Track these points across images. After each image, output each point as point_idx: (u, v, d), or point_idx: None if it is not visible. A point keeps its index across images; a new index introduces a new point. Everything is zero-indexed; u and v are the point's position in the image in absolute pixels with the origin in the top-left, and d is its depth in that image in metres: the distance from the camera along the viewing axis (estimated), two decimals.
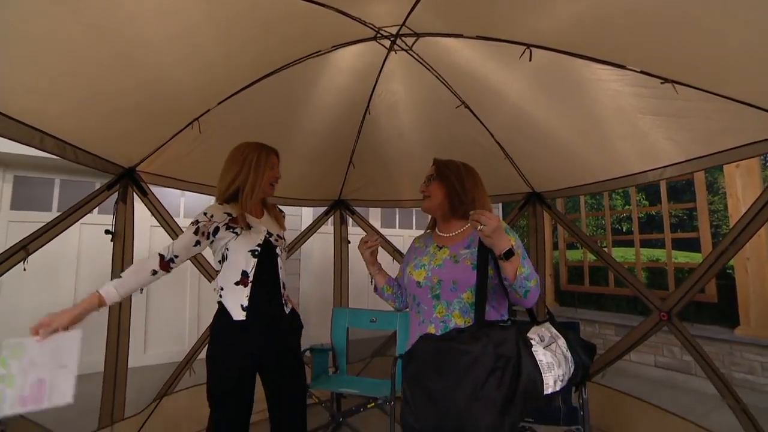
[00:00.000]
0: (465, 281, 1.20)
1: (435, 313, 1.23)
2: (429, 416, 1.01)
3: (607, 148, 2.21)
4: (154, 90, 1.69)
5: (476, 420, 0.95)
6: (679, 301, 2.13)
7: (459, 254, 1.26)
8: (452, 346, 1.04)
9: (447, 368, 1.01)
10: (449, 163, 1.41)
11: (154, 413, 2.30)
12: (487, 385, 0.97)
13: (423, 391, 1.03)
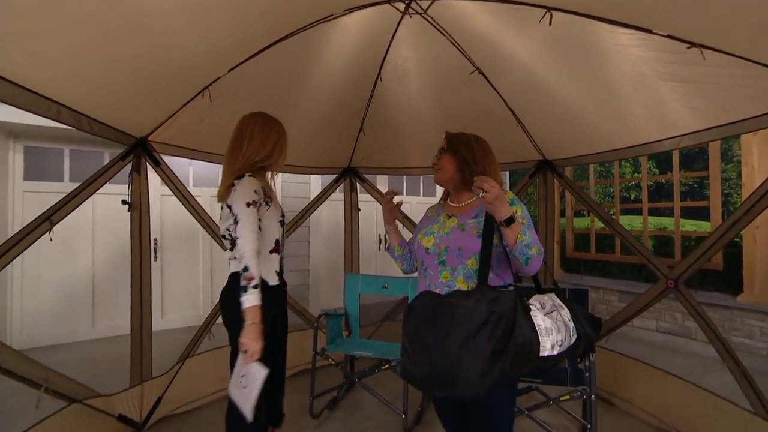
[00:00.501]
0: (470, 248, 1.25)
1: (441, 278, 1.28)
2: (425, 365, 1.09)
3: (623, 116, 2.17)
4: (164, 58, 1.66)
5: (466, 367, 1.02)
6: (687, 269, 2.16)
7: (466, 223, 1.30)
8: (446, 300, 1.12)
9: (441, 320, 1.09)
10: (460, 136, 1.41)
11: (179, 374, 2.43)
12: (478, 336, 1.04)
13: (420, 342, 1.11)
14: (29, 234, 1.70)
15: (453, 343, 1.04)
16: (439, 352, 1.06)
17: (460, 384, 1.04)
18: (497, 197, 1.12)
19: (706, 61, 1.48)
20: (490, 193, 1.11)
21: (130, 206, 2.25)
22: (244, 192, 1.45)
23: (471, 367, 1.02)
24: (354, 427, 2.29)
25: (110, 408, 2.07)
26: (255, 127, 1.60)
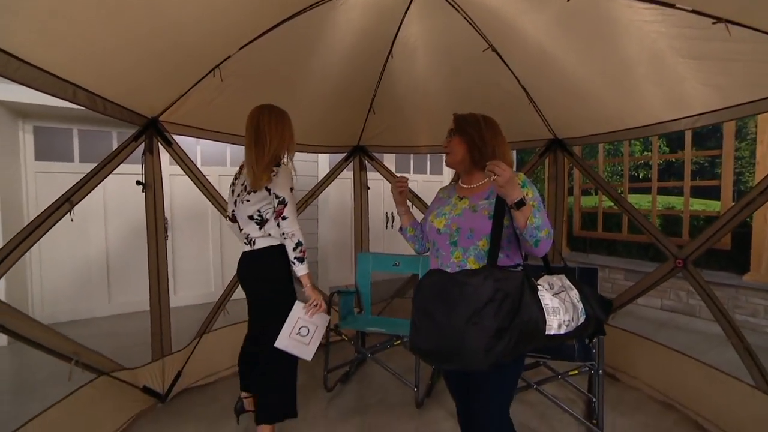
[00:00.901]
0: (481, 229, 1.26)
1: (452, 258, 1.30)
2: (433, 339, 1.14)
3: (637, 94, 2.13)
4: (176, 36, 1.64)
5: (471, 342, 1.07)
6: (697, 249, 2.18)
7: (478, 204, 1.31)
8: (454, 278, 1.16)
9: (449, 297, 1.13)
10: (468, 117, 1.40)
11: (196, 349, 2.52)
12: (483, 313, 1.08)
13: (428, 317, 1.15)
14: (50, 216, 1.73)
15: (460, 319, 1.08)
16: (446, 326, 1.10)
17: (466, 358, 1.08)
18: (508, 181, 1.13)
19: (732, 37, 1.44)
20: (502, 176, 1.12)
21: (144, 186, 2.27)
22: (287, 179, 1.72)
23: (476, 342, 1.06)
24: (367, 399, 2.39)
25: (135, 380, 2.16)
26: (272, 121, 1.79)
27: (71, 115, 3.57)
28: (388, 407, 2.29)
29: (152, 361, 2.28)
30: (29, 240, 1.64)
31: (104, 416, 1.96)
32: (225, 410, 2.27)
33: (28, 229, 1.65)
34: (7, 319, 1.54)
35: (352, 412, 2.25)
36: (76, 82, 1.52)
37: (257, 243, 1.76)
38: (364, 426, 2.11)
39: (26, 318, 1.64)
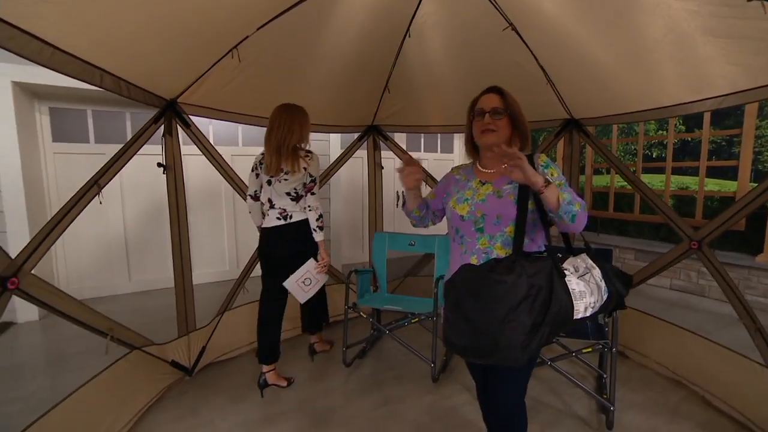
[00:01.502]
0: (508, 216, 1.26)
1: (478, 244, 1.30)
2: (467, 335, 1.14)
3: (659, 76, 2.08)
4: (196, 18, 1.63)
5: (507, 339, 1.08)
6: (713, 231, 2.19)
7: (502, 189, 1.29)
8: (488, 276, 1.13)
9: (483, 295, 1.12)
10: (511, 96, 1.35)
11: (218, 325, 2.61)
12: (518, 310, 1.08)
13: (462, 314, 1.15)
14: (81, 198, 1.78)
15: (495, 317, 1.08)
16: (481, 324, 1.10)
17: (501, 354, 1.09)
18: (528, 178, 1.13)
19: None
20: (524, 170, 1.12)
21: (165, 168, 2.30)
22: (318, 163, 2.26)
23: (513, 339, 1.07)
24: (384, 374, 2.48)
25: (164, 354, 2.27)
26: (302, 119, 2.24)
27: (85, 96, 3.58)
28: (404, 381, 2.39)
29: (179, 337, 2.37)
30: (63, 223, 1.69)
31: (138, 388, 2.07)
32: (248, 383, 2.39)
33: (62, 212, 1.71)
34: (53, 299, 1.62)
35: (371, 385, 2.35)
36: (103, 67, 1.53)
37: (294, 216, 2.23)
38: (382, 399, 2.21)
39: (68, 297, 1.71)
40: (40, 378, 2.47)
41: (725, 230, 2.17)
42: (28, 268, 1.53)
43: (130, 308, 3.63)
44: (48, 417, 1.53)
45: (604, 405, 1.98)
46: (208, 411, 2.11)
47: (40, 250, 1.59)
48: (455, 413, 2.07)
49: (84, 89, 3.40)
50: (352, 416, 2.06)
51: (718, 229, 2.18)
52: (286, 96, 2.62)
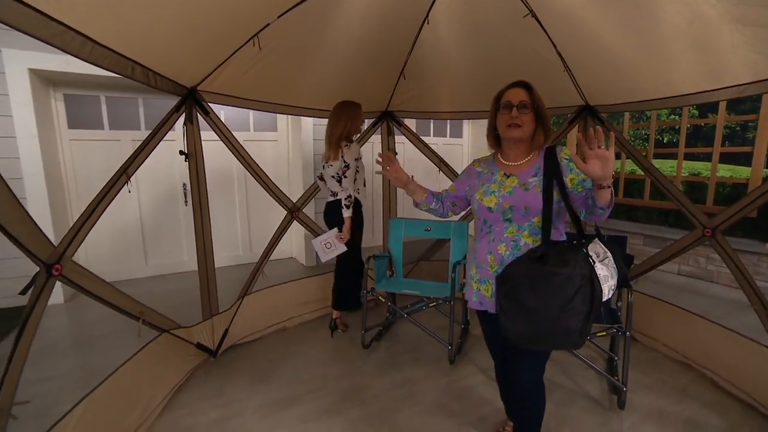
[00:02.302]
0: (536, 207, 1.31)
1: (506, 233, 1.37)
2: (524, 323, 1.21)
3: (680, 64, 2.08)
4: (218, 5, 1.63)
5: (567, 326, 1.16)
6: (727, 219, 2.22)
7: (528, 182, 1.35)
8: (545, 269, 1.20)
9: (540, 287, 1.19)
10: (537, 92, 1.37)
11: (239, 309, 2.70)
12: (574, 300, 1.16)
13: (517, 304, 1.22)
14: (112, 187, 1.83)
15: (554, 307, 1.16)
16: (540, 314, 1.17)
17: (562, 340, 1.19)
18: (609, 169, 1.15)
19: None
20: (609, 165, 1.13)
21: (187, 156, 2.34)
22: (353, 152, 2.61)
23: (572, 326, 1.16)
24: (401, 356, 2.57)
25: (190, 337, 2.36)
26: (341, 113, 2.64)
27: (98, 82, 3.58)
28: (422, 363, 2.48)
29: (203, 320, 2.46)
30: (97, 212, 1.75)
31: (168, 369, 2.17)
32: (270, 364, 2.48)
33: (96, 200, 1.76)
34: (91, 284, 1.69)
35: (389, 366, 2.44)
36: (134, 59, 1.56)
37: (338, 195, 2.64)
38: (401, 379, 2.30)
39: (104, 283, 1.79)
40: (72, 358, 2.58)
41: (740, 218, 2.20)
42: (69, 254, 1.60)
43: (148, 292, 3.73)
44: (96, 392, 1.63)
45: (617, 386, 2.06)
46: (234, 391, 2.20)
47: (78, 238, 1.66)
48: (472, 393, 2.16)
49: (97, 75, 3.41)
50: (374, 396, 2.15)
51: (733, 217, 2.21)
52: (302, 83, 2.64)
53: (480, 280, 1.45)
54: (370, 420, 1.96)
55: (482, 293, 1.45)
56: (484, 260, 1.42)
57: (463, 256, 2.63)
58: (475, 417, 1.97)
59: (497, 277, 1.31)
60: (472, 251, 1.54)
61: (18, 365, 1.31)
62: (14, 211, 1.27)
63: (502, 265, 1.36)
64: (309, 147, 4.49)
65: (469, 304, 1.52)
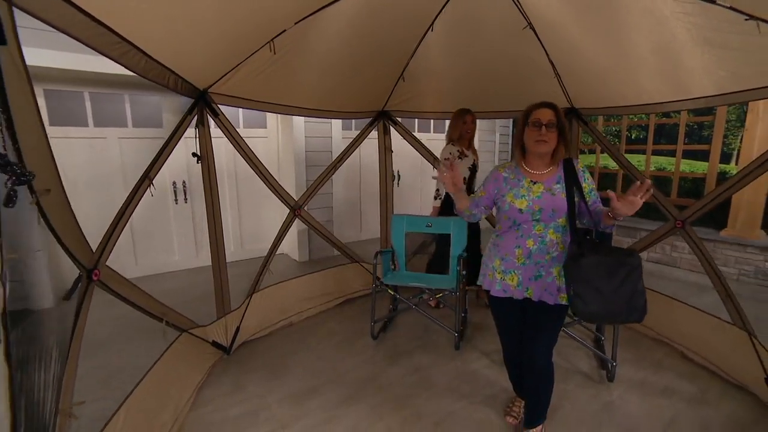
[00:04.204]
0: (561, 209, 1.55)
1: (534, 230, 1.59)
2: (599, 304, 1.41)
3: (656, 77, 2.34)
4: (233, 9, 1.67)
5: (637, 303, 1.41)
6: (696, 211, 2.52)
7: (553, 188, 1.57)
8: (617, 259, 1.43)
9: (616, 273, 1.42)
10: (561, 112, 1.58)
11: (249, 306, 2.76)
12: (640, 283, 1.43)
13: (593, 288, 1.42)
14: (137, 192, 1.85)
15: (627, 289, 1.41)
16: (616, 295, 1.40)
17: (629, 315, 1.43)
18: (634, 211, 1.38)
19: (760, 33, 1.64)
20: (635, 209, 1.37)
21: (199, 159, 2.36)
22: (443, 153, 3.03)
23: (640, 304, 1.41)
24: (409, 345, 2.74)
25: (206, 336, 2.41)
26: (453, 118, 3.09)
27: (81, 77, 3.45)
28: (428, 351, 2.65)
29: (217, 319, 2.51)
30: (125, 217, 1.77)
31: (191, 367, 2.22)
32: (284, 358, 2.58)
33: (124, 206, 1.78)
34: (123, 289, 1.72)
35: (399, 355, 2.60)
36: (171, 67, 1.59)
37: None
38: (412, 367, 2.47)
39: (133, 286, 1.82)
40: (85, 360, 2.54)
41: (707, 211, 2.51)
42: (104, 260, 1.63)
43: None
44: (135, 392, 1.68)
45: (607, 361, 2.33)
46: (254, 386, 2.29)
47: (110, 243, 1.68)
48: (479, 375, 2.37)
49: (80, 71, 3.28)
50: (389, 383, 2.31)
51: (700, 211, 2.51)
52: (306, 84, 2.68)
53: (504, 270, 1.65)
54: (389, 405, 2.11)
55: (506, 282, 1.65)
56: (512, 253, 1.62)
57: (464, 249, 2.81)
58: (484, 396, 2.17)
59: (567, 267, 1.49)
60: (493, 245, 1.72)
61: (72, 368, 1.35)
62: (66, 218, 1.30)
63: (530, 257, 1.59)
64: (301, 144, 4.52)
65: (491, 293, 1.70)
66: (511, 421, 1.96)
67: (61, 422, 1.21)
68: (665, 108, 2.61)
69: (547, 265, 1.59)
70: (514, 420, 1.96)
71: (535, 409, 1.78)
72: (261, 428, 1.94)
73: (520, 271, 1.61)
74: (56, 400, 1.20)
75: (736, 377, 2.26)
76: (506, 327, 1.80)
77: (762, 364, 2.12)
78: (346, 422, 1.98)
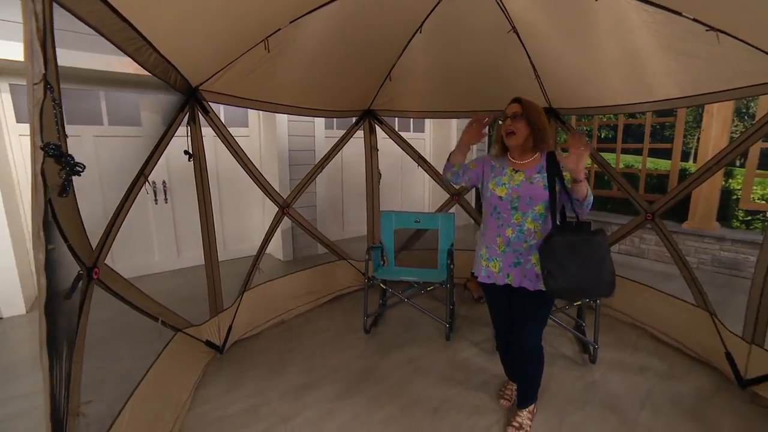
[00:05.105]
0: (538, 197, 1.64)
1: (513, 219, 1.68)
2: (567, 280, 1.52)
3: (626, 81, 2.54)
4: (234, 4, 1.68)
5: (604, 279, 1.53)
6: (664, 205, 2.74)
7: (533, 177, 1.66)
8: (584, 237, 1.54)
9: (582, 250, 1.53)
10: (532, 104, 1.69)
11: (240, 305, 2.75)
12: (606, 259, 1.54)
13: (561, 266, 1.52)
14: (132, 190, 1.82)
15: (595, 265, 1.52)
16: (583, 271, 1.51)
17: (597, 290, 1.55)
18: (582, 164, 1.48)
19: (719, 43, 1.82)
20: (583, 161, 1.46)
21: (191, 156, 2.33)
22: None
23: (607, 278, 1.52)
24: (400, 337, 2.81)
25: (200, 335, 2.39)
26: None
27: None
28: (419, 342, 2.74)
29: (210, 318, 2.49)
30: (122, 216, 1.75)
31: (186, 366, 2.20)
32: (279, 355, 2.59)
33: (120, 206, 1.75)
34: (120, 288, 1.69)
35: (391, 348, 2.67)
36: (174, 64, 1.58)
37: None
38: (405, 358, 2.54)
39: (131, 286, 1.79)
40: None
41: (673, 204, 2.73)
42: (102, 259, 1.60)
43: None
44: (136, 393, 1.65)
45: (589, 344, 2.50)
46: (251, 383, 2.29)
47: (108, 242, 1.65)
48: (471, 363, 2.47)
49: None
50: (384, 375, 2.37)
51: (667, 204, 2.73)
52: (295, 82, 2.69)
53: (489, 258, 1.76)
54: (387, 395, 2.18)
55: (490, 269, 1.76)
56: (494, 242, 1.73)
57: (451, 243, 2.91)
58: (478, 382, 2.28)
59: (541, 248, 1.59)
60: (481, 235, 1.84)
61: (77, 368, 1.33)
62: (71, 214, 1.29)
63: (509, 245, 1.69)
64: (284, 143, 4.50)
65: (479, 279, 1.81)
66: (505, 403, 2.07)
67: (71, 422, 1.19)
68: (634, 109, 2.82)
69: (525, 253, 1.69)
70: (507, 402, 2.07)
71: (527, 392, 1.90)
72: (262, 423, 1.96)
73: (501, 259, 1.72)
74: (66, 399, 1.18)
75: (701, 353, 2.48)
76: (495, 311, 1.91)
77: (722, 340, 2.34)
78: (348, 413, 2.03)
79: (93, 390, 2.17)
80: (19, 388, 2.24)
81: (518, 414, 1.90)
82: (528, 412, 1.90)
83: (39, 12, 0.79)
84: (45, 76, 0.86)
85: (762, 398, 2.09)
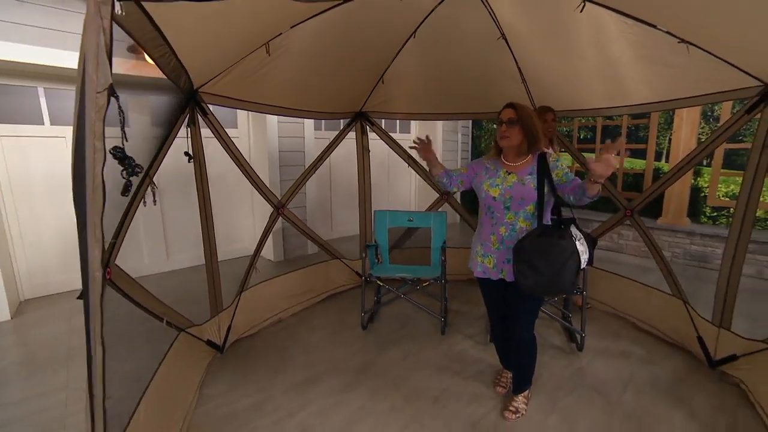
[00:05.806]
0: (530, 198, 1.75)
1: (505, 218, 1.80)
2: (535, 279, 1.63)
3: (603, 86, 2.72)
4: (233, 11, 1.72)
5: (565, 279, 1.62)
6: (642, 202, 2.93)
7: (525, 179, 1.78)
8: (551, 240, 1.64)
9: (548, 252, 1.63)
10: (526, 109, 1.79)
11: (239, 305, 2.78)
12: (569, 261, 1.63)
13: (532, 267, 1.63)
14: (138, 191, 1.84)
15: (557, 265, 1.61)
16: (548, 270, 1.61)
17: (560, 288, 1.64)
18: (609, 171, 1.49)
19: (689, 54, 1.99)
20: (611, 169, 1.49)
21: (191, 158, 2.35)
22: None
23: (568, 278, 1.62)
24: (396, 333, 2.90)
25: (201, 334, 2.41)
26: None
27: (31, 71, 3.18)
28: (416, 337, 2.83)
29: (211, 318, 2.51)
30: (128, 217, 1.77)
31: (190, 366, 2.22)
32: (279, 353, 2.63)
33: (127, 209, 1.77)
34: (129, 288, 1.71)
35: (389, 343, 2.75)
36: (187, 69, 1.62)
37: None
38: (402, 352, 2.63)
39: (138, 286, 1.81)
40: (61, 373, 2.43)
41: (650, 201, 2.92)
42: (113, 258, 1.62)
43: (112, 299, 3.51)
44: (147, 393, 1.68)
45: (576, 333, 2.65)
46: (254, 380, 2.32)
47: (118, 243, 1.68)
48: (466, 355, 2.59)
49: (28, 63, 3.00)
50: (384, 369, 2.45)
51: (645, 201, 2.92)
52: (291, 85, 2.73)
53: (484, 254, 1.88)
54: (388, 387, 2.26)
55: (485, 264, 1.88)
56: (488, 239, 1.85)
57: (444, 241, 3.02)
58: (474, 372, 2.39)
59: (514, 249, 1.71)
60: (477, 233, 1.95)
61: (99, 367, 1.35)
62: None
63: (503, 243, 1.81)
64: (274, 144, 4.52)
65: (474, 274, 1.92)
66: (500, 390, 2.19)
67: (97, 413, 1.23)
68: (612, 112, 3.01)
69: None
70: (503, 389, 2.19)
71: (522, 379, 2.03)
72: (269, 417, 2.01)
73: (495, 255, 1.84)
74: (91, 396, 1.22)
75: (676, 338, 2.68)
76: (489, 305, 2.03)
77: (694, 326, 2.53)
78: (353, 404, 2.10)
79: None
80: (11, 394, 2.21)
81: (514, 399, 2.02)
82: (523, 397, 2.03)
83: (107, 28, 0.84)
84: (111, 85, 0.92)
85: (729, 376, 2.28)
